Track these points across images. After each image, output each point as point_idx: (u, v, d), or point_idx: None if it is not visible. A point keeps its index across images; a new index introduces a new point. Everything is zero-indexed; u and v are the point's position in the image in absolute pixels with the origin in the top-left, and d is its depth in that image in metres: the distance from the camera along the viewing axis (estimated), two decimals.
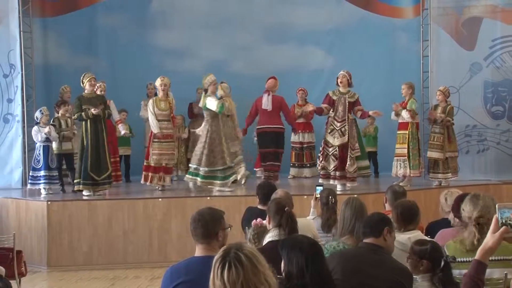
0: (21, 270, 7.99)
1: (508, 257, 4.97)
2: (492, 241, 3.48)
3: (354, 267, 4.77)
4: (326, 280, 4.11)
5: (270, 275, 3.06)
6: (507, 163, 14.18)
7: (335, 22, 15.72)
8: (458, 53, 14.36)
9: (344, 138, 11.78)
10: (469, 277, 3.50)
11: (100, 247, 11.43)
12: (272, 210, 5.88)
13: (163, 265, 8.46)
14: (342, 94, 11.91)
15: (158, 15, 15.97)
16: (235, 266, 2.98)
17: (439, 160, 12.57)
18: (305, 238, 4.40)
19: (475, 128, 14.32)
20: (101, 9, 15.75)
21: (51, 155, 12.64)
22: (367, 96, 12.25)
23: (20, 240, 8.99)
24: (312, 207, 7.72)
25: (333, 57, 15.19)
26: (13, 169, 14.17)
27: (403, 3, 15.63)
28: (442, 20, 14.47)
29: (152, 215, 11.47)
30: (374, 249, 4.91)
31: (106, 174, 12.01)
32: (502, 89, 14.28)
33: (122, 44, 15.67)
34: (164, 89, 12.13)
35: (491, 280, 4.77)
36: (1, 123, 14.18)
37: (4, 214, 12.04)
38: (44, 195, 12.23)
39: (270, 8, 15.83)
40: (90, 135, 11.82)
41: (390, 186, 7.45)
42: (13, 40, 14.20)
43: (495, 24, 14.22)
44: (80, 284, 10.38)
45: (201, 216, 4.50)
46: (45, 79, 15.15)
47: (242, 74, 15.20)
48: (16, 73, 14.19)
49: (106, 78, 13.84)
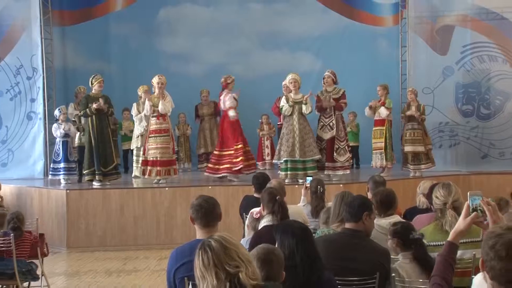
0: (44, 251, 8.00)
1: (477, 239, 4.92)
2: (463, 225, 3.55)
3: (335, 251, 4.72)
4: (314, 261, 4.13)
5: (242, 252, 3.05)
6: (476, 156, 14.25)
7: (322, 30, 15.67)
8: (433, 57, 14.40)
9: (333, 132, 11.78)
10: (442, 256, 3.49)
11: (113, 231, 11.49)
12: (265, 199, 5.89)
13: (169, 247, 8.50)
14: (328, 92, 11.96)
15: (164, 24, 15.91)
16: (206, 251, 3.00)
17: (420, 153, 12.66)
18: (296, 223, 4.44)
19: (448, 124, 14.39)
20: (113, 19, 15.72)
21: (69, 149, 12.65)
22: (351, 96, 12.24)
23: (42, 224, 9.07)
24: (303, 195, 7.57)
25: (320, 61, 15.10)
26: (35, 162, 14.23)
27: (383, 13, 15.59)
28: (418, 28, 14.52)
29: (159, 203, 11.53)
30: (353, 234, 4.83)
31: (112, 165, 12.01)
32: (471, 90, 14.34)
33: (132, 50, 15.59)
34: (160, 87, 11.74)
35: (462, 260, 4.75)
36: (25, 120, 14.23)
37: (28, 201, 12.13)
38: (64, 185, 12.28)
39: (264, 17, 15.76)
40: (96, 130, 11.78)
41: (371, 177, 7.34)
42: (35, 46, 14.24)
43: (465, 32, 14.26)
44: (96, 264, 10.42)
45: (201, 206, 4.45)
46: (63, 81, 15.15)
47: (239, 76, 15.13)
48: (38, 75, 14.24)
49: (117, 81, 13.94)
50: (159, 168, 11.83)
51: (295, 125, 11.62)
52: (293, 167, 11.60)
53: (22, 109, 14.28)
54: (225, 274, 2.98)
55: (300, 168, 11.58)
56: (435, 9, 14.40)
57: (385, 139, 12.38)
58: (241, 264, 3.00)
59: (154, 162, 11.86)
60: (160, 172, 11.85)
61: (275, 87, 13.32)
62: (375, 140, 12.56)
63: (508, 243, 2.91)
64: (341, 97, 11.87)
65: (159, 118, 11.85)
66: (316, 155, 11.58)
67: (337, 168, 11.87)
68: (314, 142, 11.67)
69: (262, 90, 14.28)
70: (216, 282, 2.97)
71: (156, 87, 11.85)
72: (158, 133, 11.86)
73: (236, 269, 2.99)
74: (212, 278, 2.97)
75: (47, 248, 8.19)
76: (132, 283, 9.12)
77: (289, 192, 7.83)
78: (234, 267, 2.99)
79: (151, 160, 11.87)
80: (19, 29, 14.26)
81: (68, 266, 10.44)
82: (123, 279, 9.37)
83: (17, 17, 14.23)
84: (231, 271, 2.98)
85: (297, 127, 11.60)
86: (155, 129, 11.89)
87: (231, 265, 2.99)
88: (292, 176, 11.58)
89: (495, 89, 14.26)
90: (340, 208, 5.47)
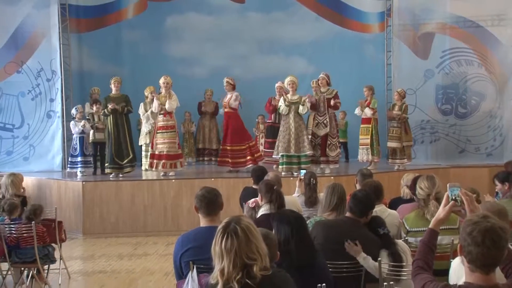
0: (62, 237, 7.99)
1: (455, 227, 5.03)
2: (443, 213, 3.55)
3: (334, 235, 4.76)
4: (308, 246, 4.17)
5: (261, 247, 3.06)
6: (454, 151, 14.29)
7: (315, 36, 15.62)
8: (415, 61, 14.42)
9: (327, 129, 11.84)
10: (424, 242, 3.47)
11: (124, 219, 11.50)
12: (263, 190, 5.90)
13: (176, 233, 8.49)
14: (322, 93, 12.00)
15: (171, 31, 15.84)
16: (232, 237, 2.99)
17: (397, 149, 12.67)
18: (291, 212, 4.45)
19: (429, 122, 14.42)
20: (125, 26, 15.66)
21: (85, 144, 12.71)
22: (341, 96, 12.25)
23: (60, 212, 9.06)
24: (297, 187, 7.57)
25: (313, 65, 15.01)
26: (54, 156, 14.23)
27: (370, 21, 15.55)
28: (402, 35, 14.54)
29: (166, 193, 11.53)
30: (353, 223, 4.87)
31: (128, 159, 12.04)
32: (450, 91, 14.36)
33: (141, 54, 15.54)
34: (166, 87, 11.75)
35: (441, 245, 4.80)
36: (45, 118, 14.25)
37: (47, 192, 12.14)
38: (80, 177, 12.29)
39: (262, 25, 15.70)
40: (113, 128, 11.87)
41: (359, 170, 7.30)
42: (54, 51, 14.25)
43: (444, 38, 14.27)
44: (109, 248, 10.44)
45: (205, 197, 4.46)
46: (79, 83, 15.12)
47: (239, 78, 15.13)
48: (56, 77, 14.25)
49: (128, 82, 13.91)
50: (165, 161, 11.81)
51: (291, 123, 11.64)
52: (288, 161, 11.63)
53: (42, 108, 14.29)
54: (241, 264, 3.00)
55: (295, 162, 11.60)
56: (417, 17, 14.41)
57: (371, 135, 12.37)
58: (258, 258, 3.02)
59: (161, 156, 11.83)
60: (166, 165, 11.83)
61: (272, 88, 13.29)
62: (362, 136, 12.56)
63: (484, 230, 2.91)
64: (334, 97, 11.90)
65: (165, 115, 11.85)
66: (308, 150, 11.60)
67: (330, 162, 11.95)
68: (308, 139, 11.69)
69: (259, 91, 14.23)
70: (232, 268, 2.99)
71: (162, 87, 11.86)
72: (165, 129, 11.86)
73: (252, 262, 3.00)
74: (230, 262, 2.99)
75: (65, 234, 8.19)
76: (142, 266, 9.13)
77: (284, 184, 7.80)
78: (252, 260, 3.01)
79: (157, 154, 11.85)
80: (39, 35, 14.24)
81: (84, 250, 10.45)
82: (133, 263, 9.38)
83: (38, 25, 14.20)
84: (247, 262, 3.00)
85: (293, 125, 11.62)
86: (162, 126, 11.88)
87: (250, 257, 3.01)
88: (288, 169, 11.59)
89: (471, 90, 14.29)
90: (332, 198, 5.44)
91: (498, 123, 14.12)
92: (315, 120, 12.01)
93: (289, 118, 11.68)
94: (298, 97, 11.71)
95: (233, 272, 2.99)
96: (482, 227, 2.92)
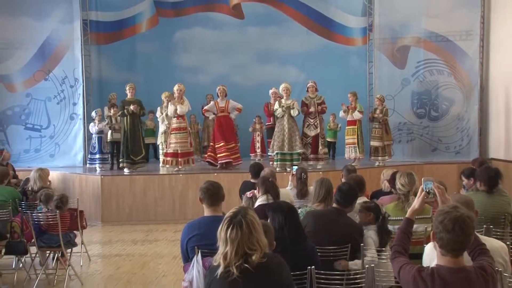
0: (83, 224, 7.99)
1: (428, 216, 5.06)
2: (418, 204, 3.57)
3: (322, 224, 4.80)
4: (299, 233, 4.19)
5: (262, 239, 3.07)
6: (427, 150, 14.27)
7: (305, 48, 15.59)
8: (393, 71, 14.38)
9: (317, 130, 11.89)
10: (401, 230, 3.50)
11: (138, 209, 11.52)
12: (260, 182, 5.93)
13: (182, 221, 8.48)
14: (312, 98, 12.02)
15: (180, 43, 15.83)
16: (237, 228, 3.01)
17: (379, 147, 12.68)
18: (284, 203, 4.47)
19: (405, 124, 14.40)
20: (139, 39, 15.63)
21: (103, 143, 12.74)
22: (328, 101, 12.23)
23: (82, 203, 9.05)
24: (290, 181, 7.60)
25: (304, 73, 14.98)
26: (76, 153, 14.22)
27: (354, 35, 15.51)
28: (382, 47, 14.51)
29: (175, 186, 11.55)
30: (338, 212, 4.91)
31: (141, 156, 12.05)
32: (424, 97, 14.33)
33: (153, 63, 15.51)
34: (179, 94, 11.78)
35: (416, 232, 4.82)
36: (68, 120, 14.24)
37: (70, 185, 12.14)
38: (99, 172, 12.29)
39: (260, 37, 15.67)
40: (129, 127, 11.85)
41: (345, 166, 7.42)
42: (77, 61, 14.24)
43: (419, 51, 14.24)
44: (124, 235, 10.46)
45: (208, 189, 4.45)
46: (99, 89, 15.07)
47: (239, 84, 15.18)
48: (78, 84, 14.23)
49: (142, 88, 13.90)
50: (179, 159, 11.82)
51: (285, 125, 11.66)
52: (282, 158, 11.63)
53: (66, 111, 14.28)
54: (243, 252, 3.02)
55: (288, 159, 11.60)
56: (395, 32, 14.38)
57: (356, 136, 12.40)
58: (258, 249, 3.04)
59: (174, 154, 11.83)
60: (180, 162, 11.84)
61: (268, 93, 13.32)
62: (348, 136, 12.57)
63: (453, 219, 2.92)
64: (322, 102, 11.95)
65: (178, 118, 11.89)
66: (300, 149, 11.63)
67: (319, 159, 11.95)
68: (299, 139, 11.71)
69: (256, 96, 14.24)
70: (234, 255, 3.01)
71: (176, 93, 11.88)
72: (178, 130, 11.88)
73: (252, 252, 3.03)
74: (233, 250, 3.01)
75: (85, 222, 8.19)
76: (153, 250, 9.14)
77: (279, 178, 7.79)
78: (252, 250, 3.03)
79: (172, 152, 11.85)
80: (64, 47, 14.22)
81: (102, 236, 10.47)
82: (145, 247, 9.40)
83: (63, 38, 14.19)
84: (248, 251, 3.02)
85: (286, 127, 11.64)
86: (175, 127, 11.91)
87: (251, 248, 3.03)
88: (282, 165, 11.59)
89: (442, 96, 14.26)
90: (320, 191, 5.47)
91: (465, 125, 14.11)
92: (306, 122, 12.03)
93: (284, 120, 11.70)
94: (291, 102, 11.73)
95: (234, 259, 3.01)
96: (452, 216, 2.93)
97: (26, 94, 14.22)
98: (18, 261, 7.65)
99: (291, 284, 3.26)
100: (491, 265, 3.06)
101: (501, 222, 5.66)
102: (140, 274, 7.74)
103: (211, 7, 15.96)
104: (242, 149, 13.85)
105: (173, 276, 7.53)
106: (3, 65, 14.12)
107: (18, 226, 7.04)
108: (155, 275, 7.67)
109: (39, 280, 7.14)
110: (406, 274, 3.07)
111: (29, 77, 14.17)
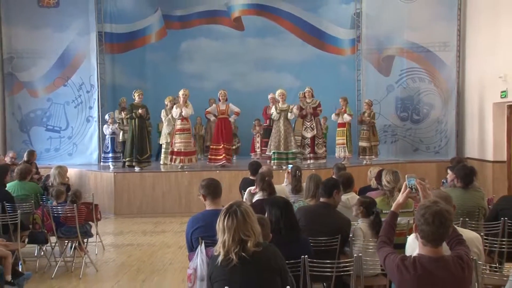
0: (98, 216, 7.99)
1: (410, 210, 5.10)
2: (402, 198, 3.59)
3: (312, 218, 4.78)
4: (294, 226, 4.18)
5: (255, 227, 3.12)
6: (409, 150, 14.27)
7: (300, 58, 15.55)
8: (379, 78, 14.39)
9: (314, 132, 11.90)
10: (387, 222, 3.52)
11: (147, 203, 11.51)
12: (258, 179, 5.95)
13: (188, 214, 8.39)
14: (308, 103, 12.02)
15: (185, 52, 15.79)
16: (232, 217, 3.07)
17: (366, 147, 12.67)
18: (281, 198, 4.48)
19: (390, 126, 14.40)
20: (148, 49, 15.61)
21: (116, 143, 12.74)
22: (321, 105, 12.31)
23: (96, 197, 9.06)
24: (286, 178, 7.48)
25: (299, 80, 14.96)
26: (92, 152, 14.22)
27: (344, 46, 15.49)
28: (369, 56, 14.51)
29: (181, 182, 11.54)
30: (325, 206, 4.89)
31: (146, 155, 12.01)
32: (407, 102, 14.33)
33: (161, 71, 15.48)
34: (184, 98, 11.72)
35: (400, 224, 4.80)
36: (85, 122, 14.26)
37: (86, 181, 12.14)
38: (112, 169, 12.26)
39: (259, 47, 15.64)
40: (137, 129, 11.82)
41: (335, 164, 7.41)
42: (93, 69, 14.24)
43: (402, 60, 14.24)
44: (135, 226, 10.47)
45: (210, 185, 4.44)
46: (112, 94, 15.04)
47: (239, 90, 15.17)
48: (94, 90, 14.24)
49: (151, 94, 13.92)
50: (182, 157, 11.82)
51: (281, 127, 11.67)
52: (278, 157, 11.63)
53: (83, 114, 14.28)
54: (239, 239, 3.06)
55: (284, 158, 11.60)
56: (381, 43, 14.38)
57: (346, 137, 12.39)
58: (252, 235, 3.08)
59: (178, 153, 11.84)
60: (183, 160, 11.84)
61: (266, 98, 13.30)
62: (338, 137, 12.55)
63: (434, 212, 2.93)
64: (317, 106, 11.97)
65: (183, 120, 11.87)
66: (294, 149, 11.65)
67: (318, 158, 11.97)
68: (294, 139, 11.73)
69: (255, 101, 14.23)
70: (231, 241, 3.05)
71: (181, 97, 11.85)
72: (182, 131, 11.86)
73: (247, 238, 3.07)
74: (230, 237, 3.06)
75: (100, 214, 8.19)
76: (161, 240, 9.14)
77: (275, 175, 7.79)
78: (247, 236, 3.07)
79: (176, 151, 11.86)
80: (81, 56, 14.23)
81: (115, 227, 10.47)
82: (154, 238, 9.40)
83: (80, 48, 14.21)
84: (243, 238, 3.06)
85: (282, 128, 11.65)
86: (180, 128, 11.88)
87: (246, 234, 3.07)
88: (278, 164, 11.58)
89: (423, 102, 14.27)
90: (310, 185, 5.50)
91: (444, 127, 14.12)
92: (304, 124, 12.03)
93: (280, 122, 11.71)
94: (287, 106, 11.74)
95: (232, 245, 3.05)
96: (432, 210, 2.93)
97: (47, 98, 14.25)
98: (39, 250, 7.70)
99: (284, 269, 3.28)
100: (467, 254, 3.06)
101: (476, 215, 5.66)
102: (149, 262, 7.74)
103: (214, 20, 15.95)
104: (243, 149, 13.79)
105: (179, 264, 7.53)
106: (27, 72, 14.17)
107: (40, 218, 7.11)
108: (163, 263, 7.67)
109: (59, 267, 7.16)
110: (391, 263, 3.07)
111: (50, 83, 14.20)
